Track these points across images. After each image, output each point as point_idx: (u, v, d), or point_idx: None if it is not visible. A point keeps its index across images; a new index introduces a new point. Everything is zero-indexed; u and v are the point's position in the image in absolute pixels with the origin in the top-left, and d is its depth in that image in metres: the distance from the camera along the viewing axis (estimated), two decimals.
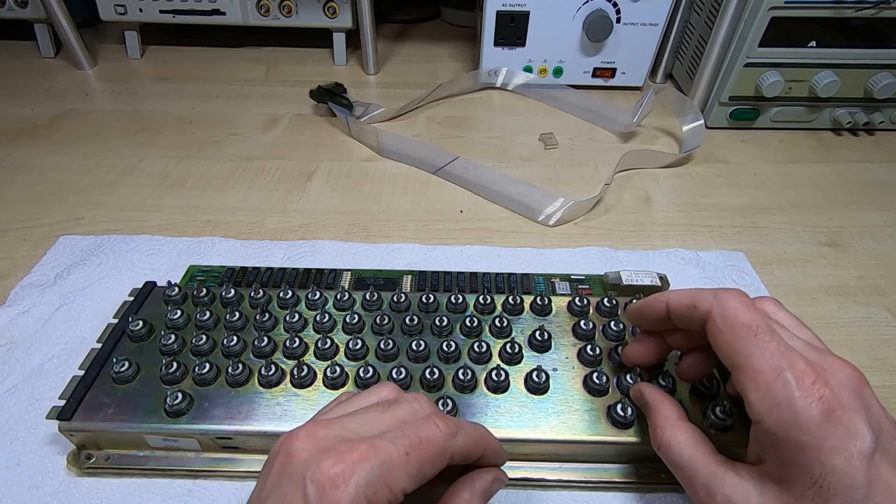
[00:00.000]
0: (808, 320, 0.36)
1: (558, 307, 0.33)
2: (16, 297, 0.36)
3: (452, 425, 0.21)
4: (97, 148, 0.53)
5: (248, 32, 0.68)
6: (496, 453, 0.24)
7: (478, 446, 0.23)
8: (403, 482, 0.19)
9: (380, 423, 0.21)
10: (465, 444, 0.22)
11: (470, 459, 0.23)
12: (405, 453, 0.19)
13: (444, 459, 0.21)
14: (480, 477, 0.23)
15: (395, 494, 0.19)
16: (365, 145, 0.54)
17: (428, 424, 0.21)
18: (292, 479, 0.19)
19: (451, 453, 0.21)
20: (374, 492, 0.18)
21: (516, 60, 0.62)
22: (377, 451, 0.19)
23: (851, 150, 0.55)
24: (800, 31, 0.50)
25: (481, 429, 0.24)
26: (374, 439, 0.19)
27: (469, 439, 0.22)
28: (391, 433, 0.20)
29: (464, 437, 0.22)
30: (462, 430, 0.22)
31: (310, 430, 0.20)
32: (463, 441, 0.22)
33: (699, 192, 0.49)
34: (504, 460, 0.25)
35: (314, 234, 0.43)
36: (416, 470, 0.20)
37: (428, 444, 0.20)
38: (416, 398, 0.23)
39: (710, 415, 0.27)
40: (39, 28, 0.67)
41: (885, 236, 0.44)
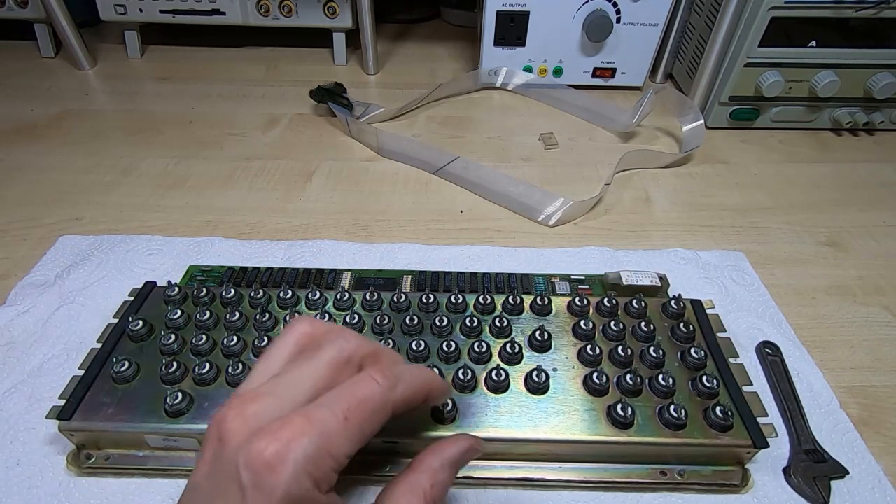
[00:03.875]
0: (808, 320, 0.37)
1: (558, 307, 0.33)
2: (16, 297, 0.36)
3: (391, 376, 0.20)
4: (97, 148, 0.53)
5: (248, 32, 0.68)
6: (441, 391, 0.23)
7: (420, 392, 0.22)
8: (346, 448, 0.18)
9: (310, 379, 0.20)
10: (406, 393, 0.21)
11: (414, 405, 0.22)
12: (344, 418, 0.18)
13: (386, 414, 0.20)
14: (453, 444, 0.22)
15: (338, 462, 0.18)
16: (365, 145, 0.54)
17: (365, 382, 0.20)
18: (225, 467, 0.18)
19: (393, 406, 0.20)
20: (314, 465, 0.18)
21: (516, 60, 0.62)
22: (313, 422, 0.18)
23: (851, 150, 0.55)
24: (800, 31, 0.50)
25: (421, 371, 0.23)
26: (308, 410, 0.18)
27: (410, 388, 0.21)
28: (326, 397, 0.19)
29: (404, 387, 0.21)
30: (401, 380, 0.21)
31: (238, 407, 0.19)
32: (403, 391, 0.21)
33: (699, 192, 0.49)
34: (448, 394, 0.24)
35: (314, 234, 0.43)
36: (357, 433, 0.19)
37: (366, 403, 0.19)
38: (340, 334, 0.21)
39: (710, 415, 0.27)
40: (39, 28, 0.67)
41: (885, 236, 0.44)
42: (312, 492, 0.18)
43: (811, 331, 0.36)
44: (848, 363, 0.34)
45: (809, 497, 0.27)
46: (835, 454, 0.29)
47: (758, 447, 0.27)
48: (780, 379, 0.32)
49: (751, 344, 0.35)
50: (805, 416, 0.31)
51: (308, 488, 0.18)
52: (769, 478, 0.28)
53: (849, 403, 0.32)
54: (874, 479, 0.28)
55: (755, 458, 0.28)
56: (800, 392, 0.32)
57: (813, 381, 0.32)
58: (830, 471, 0.28)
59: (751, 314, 0.37)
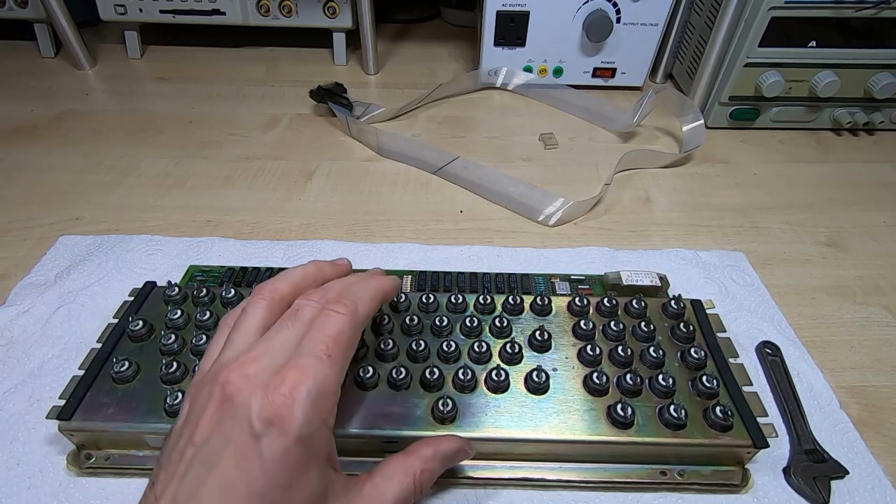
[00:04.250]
0: (808, 320, 0.37)
1: (558, 307, 0.33)
2: (16, 297, 0.36)
3: (349, 302, 0.23)
4: (97, 148, 0.53)
5: (248, 32, 0.68)
6: (394, 289, 0.27)
7: (377, 301, 0.25)
8: (337, 380, 0.21)
9: (294, 335, 0.22)
10: (367, 311, 0.24)
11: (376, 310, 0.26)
12: (327, 356, 0.21)
13: (358, 334, 0.24)
14: (447, 441, 0.25)
15: (335, 395, 0.21)
16: (365, 145, 0.54)
17: (331, 318, 0.22)
18: (236, 420, 0.20)
19: (360, 327, 0.24)
20: (318, 405, 0.20)
21: (516, 60, 0.62)
22: (306, 370, 0.20)
23: (851, 150, 0.55)
24: (800, 31, 0.50)
25: (374, 283, 0.26)
26: (298, 361, 0.21)
27: (368, 304, 0.24)
28: (307, 344, 0.21)
29: (364, 307, 0.24)
30: (359, 301, 0.24)
31: (239, 369, 0.21)
32: (365, 309, 0.24)
33: (699, 192, 0.49)
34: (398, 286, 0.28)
35: (314, 234, 0.43)
36: (341, 363, 0.22)
37: (340, 336, 0.22)
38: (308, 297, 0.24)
39: (710, 415, 0.27)
40: (39, 28, 0.67)
41: (885, 236, 0.44)
42: (322, 428, 0.21)
43: (811, 331, 0.36)
44: (848, 363, 0.34)
45: (809, 497, 0.27)
46: (835, 454, 0.29)
47: (758, 447, 0.27)
48: (780, 379, 0.32)
49: (751, 344, 0.35)
50: (805, 416, 0.31)
51: (318, 426, 0.20)
52: (769, 478, 0.28)
53: (849, 403, 0.32)
54: (874, 479, 0.28)
55: (755, 458, 0.28)
56: (800, 392, 0.32)
57: (813, 381, 0.32)
58: (830, 471, 0.28)
59: (751, 314, 0.37)
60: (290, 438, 0.19)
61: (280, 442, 0.19)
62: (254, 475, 0.19)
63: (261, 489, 0.19)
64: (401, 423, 0.27)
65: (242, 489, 0.19)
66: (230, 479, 0.19)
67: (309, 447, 0.20)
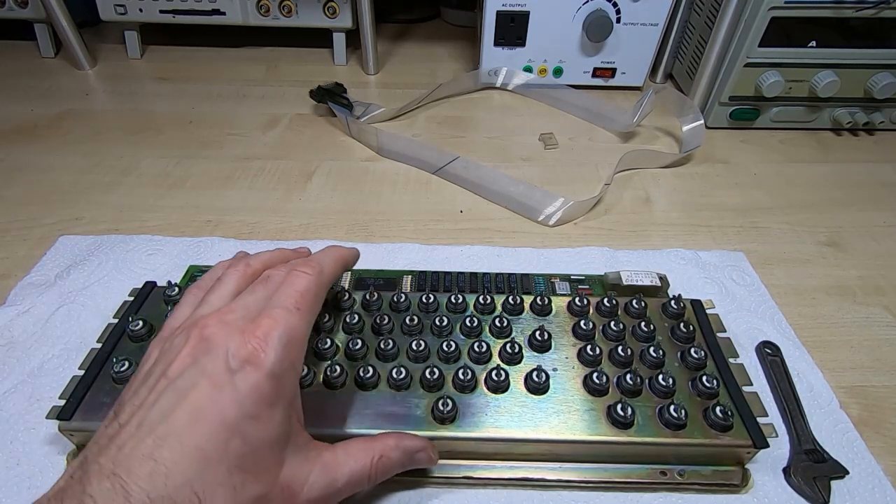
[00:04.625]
0: (808, 320, 0.37)
1: (558, 307, 0.33)
2: (16, 297, 0.36)
3: (315, 264, 0.26)
4: (97, 148, 0.53)
5: (248, 32, 0.68)
6: (354, 257, 0.31)
7: (341, 265, 0.29)
8: (304, 330, 0.24)
9: (265, 293, 0.24)
10: (331, 272, 0.27)
11: (339, 276, 0.29)
12: (296, 309, 0.23)
13: (323, 292, 0.26)
14: (413, 438, 0.26)
15: (303, 344, 0.23)
16: (365, 145, 0.54)
17: (298, 277, 0.25)
18: (212, 357, 0.21)
19: (326, 286, 0.26)
20: (288, 349, 0.22)
21: (516, 60, 0.62)
22: (278, 319, 0.22)
23: (851, 150, 0.55)
24: (800, 31, 0.50)
25: (335, 250, 0.29)
26: (270, 312, 0.23)
27: (332, 269, 0.27)
28: (277, 298, 0.24)
29: (329, 268, 0.27)
30: (324, 264, 0.27)
31: (217, 318, 0.23)
32: (329, 272, 0.27)
33: (699, 192, 0.49)
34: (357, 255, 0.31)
35: (314, 234, 0.43)
36: (309, 316, 0.24)
37: (307, 293, 0.24)
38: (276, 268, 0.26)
39: (710, 415, 0.27)
40: (39, 28, 0.67)
41: (885, 236, 0.44)
42: (290, 372, 0.22)
43: (811, 331, 0.36)
44: (848, 363, 0.34)
45: (809, 497, 0.27)
46: (835, 454, 0.29)
47: (758, 447, 0.27)
48: (780, 379, 0.32)
49: (751, 344, 0.35)
50: (805, 416, 0.31)
51: (287, 368, 0.22)
52: (769, 478, 0.28)
53: (849, 403, 0.32)
54: (874, 479, 0.28)
55: (755, 458, 0.28)
56: (800, 392, 0.32)
57: (813, 381, 0.32)
58: (830, 471, 0.28)
59: (751, 314, 0.37)
60: (262, 374, 0.21)
61: (253, 376, 0.21)
62: (226, 405, 0.20)
63: (231, 419, 0.20)
64: (401, 423, 0.27)
65: (214, 416, 0.20)
66: (203, 405, 0.20)
67: (278, 386, 0.21)
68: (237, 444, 0.20)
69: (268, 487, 0.21)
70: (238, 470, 0.20)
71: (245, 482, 0.20)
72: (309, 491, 0.22)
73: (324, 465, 0.23)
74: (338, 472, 0.23)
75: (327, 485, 0.23)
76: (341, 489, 0.23)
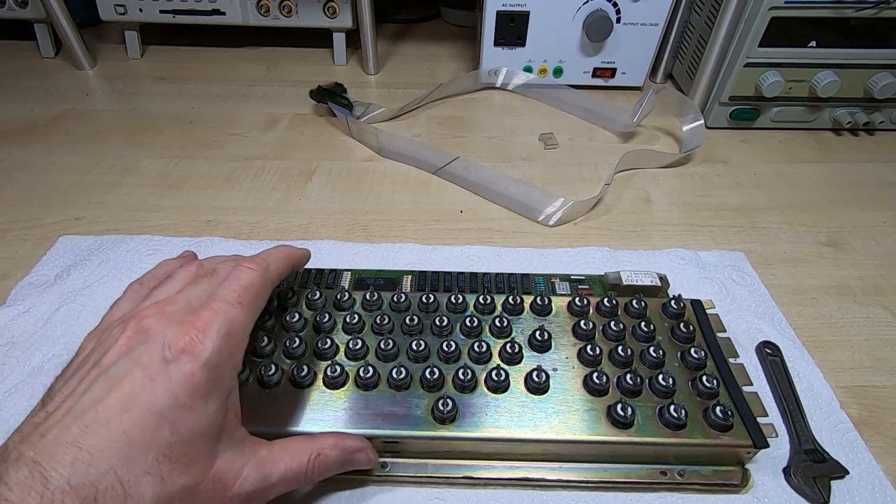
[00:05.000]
0: (808, 320, 0.37)
1: (558, 307, 0.33)
2: (16, 297, 0.36)
3: (262, 261, 0.26)
4: (97, 148, 0.53)
5: (248, 32, 0.68)
6: (304, 257, 0.31)
7: (288, 264, 0.29)
8: (245, 324, 0.24)
9: (209, 287, 0.25)
10: (278, 269, 0.27)
11: (286, 276, 0.29)
12: (238, 303, 0.24)
13: (268, 290, 0.26)
14: (353, 438, 0.26)
15: (244, 337, 0.24)
16: (365, 145, 0.54)
17: (243, 272, 0.25)
18: (148, 346, 0.21)
19: (271, 282, 0.27)
20: (227, 340, 0.22)
21: (516, 60, 0.62)
22: (217, 311, 0.23)
23: (851, 150, 0.55)
24: (800, 31, 0.50)
25: (283, 249, 0.29)
26: (211, 304, 0.23)
27: (279, 266, 0.28)
28: (220, 292, 0.24)
29: (275, 266, 0.27)
30: (271, 261, 0.27)
31: (157, 309, 0.23)
32: (275, 269, 0.27)
33: (699, 192, 0.49)
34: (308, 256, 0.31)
35: (314, 234, 0.43)
36: (252, 310, 0.24)
37: (251, 287, 0.25)
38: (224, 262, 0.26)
39: (710, 415, 0.27)
40: (39, 28, 0.67)
41: (885, 236, 0.44)
42: (228, 364, 0.22)
43: (811, 331, 0.36)
44: (848, 363, 0.34)
45: (809, 497, 0.27)
46: (835, 454, 0.29)
47: (758, 447, 0.27)
48: (780, 379, 0.32)
49: (751, 344, 0.35)
50: (805, 416, 0.31)
51: (224, 360, 0.22)
52: (769, 478, 0.28)
53: (849, 403, 0.32)
54: (874, 479, 0.28)
55: (755, 458, 0.28)
56: (800, 392, 0.32)
57: (813, 381, 0.32)
58: (830, 471, 0.28)
59: (751, 314, 0.37)
60: (197, 364, 0.21)
61: (188, 366, 0.21)
62: (158, 394, 0.20)
63: (162, 407, 0.20)
64: (401, 423, 0.27)
65: (144, 405, 0.20)
66: (134, 394, 0.20)
67: (214, 377, 0.22)
68: (166, 433, 0.20)
69: (197, 479, 0.21)
70: (166, 459, 0.20)
71: (173, 472, 0.20)
72: (241, 485, 0.22)
73: (259, 461, 0.23)
74: (273, 468, 0.23)
75: (261, 479, 0.23)
76: (276, 484, 0.23)
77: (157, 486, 0.19)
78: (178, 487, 0.20)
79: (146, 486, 0.19)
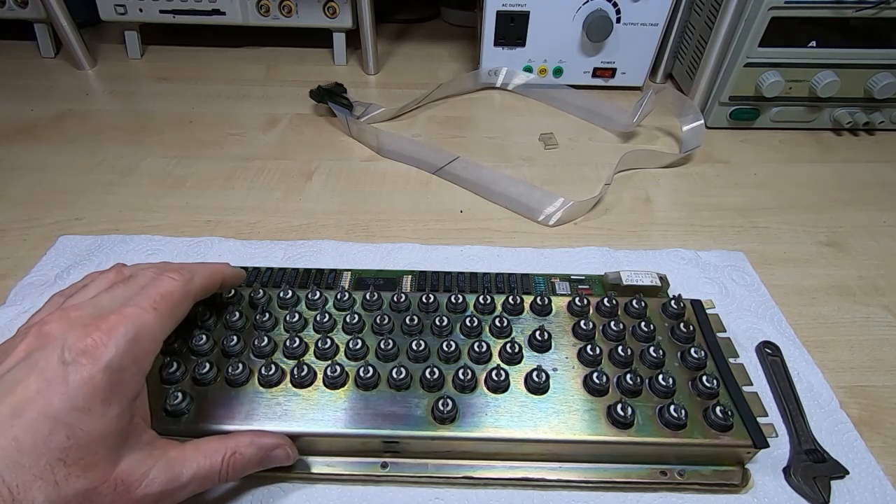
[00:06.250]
0: (808, 320, 0.37)
1: (558, 307, 0.33)
2: (16, 297, 0.36)
3: (186, 272, 0.26)
4: (97, 148, 0.53)
5: (248, 32, 0.68)
6: (235, 277, 0.31)
7: (214, 279, 0.28)
8: (158, 331, 0.23)
9: (125, 294, 0.24)
10: (203, 282, 0.27)
11: (212, 291, 0.29)
12: (153, 309, 0.23)
13: (189, 301, 0.26)
14: (269, 435, 0.26)
15: (154, 342, 0.23)
16: (365, 145, 0.54)
17: (163, 280, 0.25)
18: (46, 351, 0.21)
19: (193, 294, 0.26)
20: (133, 345, 0.22)
21: (516, 60, 0.62)
22: (127, 316, 0.22)
23: (851, 150, 0.55)
24: (800, 31, 0.50)
25: (214, 264, 0.29)
26: (122, 308, 0.23)
27: (203, 278, 0.27)
28: (135, 298, 0.23)
29: (200, 278, 0.27)
30: (196, 273, 0.27)
31: (61, 314, 0.22)
32: (200, 281, 0.27)
33: (699, 192, 0.49)
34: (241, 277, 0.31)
35: (314, 234, 0.43)
36: (167, 318, 0.24)
37: (170, 296, 0.24)
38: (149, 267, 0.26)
39: (710, 415, 0.27)
40: (39, 28, 0.67)
41: (885, 236, 0.44)
42: (133, 368, 0.22)
43: (811, 331, 0.36)
44: (848, 363, 0.34)
45: (809, 497, 0.27)
46: (835, 454, 0.29)
47: (758, 447, 0.27)
48: (780, 379, 0.32)
49: (751, 344, 0.35)
50: (805, 416, 0.31)
51: (129, 364, 0.22)
52: (769, 478, 0.28)
53: (849, 403, 0.32)
54: (874, 479, 0.28)
55: (755, 458, 0.28)
56: (800, 392, 0.32)
57: (813, 381, 0.32)
58: (830, 471, 0.28)
59: (751, 314, 0.37)
60: (98, 367, 0.21)
61: (87, 369, 0.20)
62: (52, 398, 0.20)
63: (57, 411, 0.20)
64: (401, 423, 0.27)
65: (36, 410, 0.20)
66: (25, 400, 0.20)
67: (116, 380, 0.21)
68: (61, 438, 0.20)
69: (96, 482, 0.21)
70: (61, 463, 0.20)
71: (69, 476, 0.20)
72: (147, 486, 0.22)
73: (168, 461, 0.23)
74: (183, 468, 0.23)
75: (169, 480, 0.23)
76: (186, 484, 0.23)
77: (51, 490, 0.19)
78: (76, 491, 0.20)
79: (37, 491, 0.19)
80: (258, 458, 0.25)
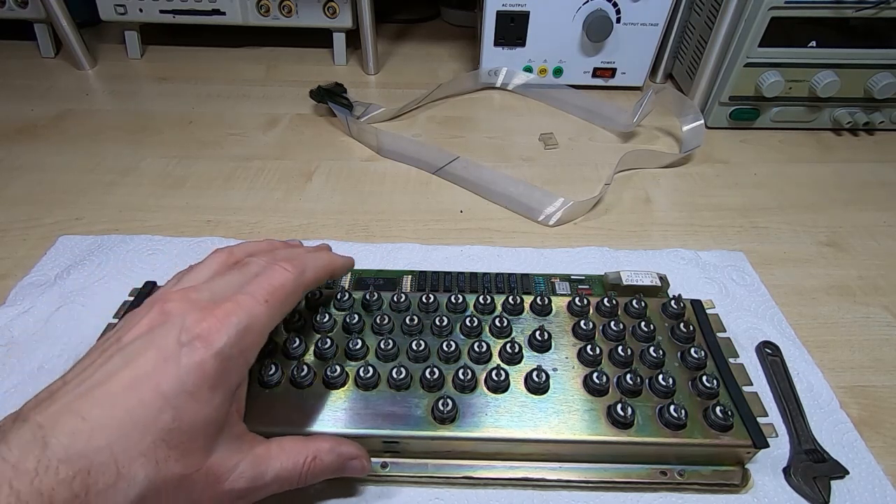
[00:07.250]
0: (808, 320, 0.37)
1: (558, 307, 0.33)
2: (16, 297, 0.36)
3: (299, 264, 0.26)
4: (97, 148, 0.53)
5: (248, 32, 0.68)
6: (343, 267, 0.30)
7: (326, 272, 0.28)
8: (267, 324, 0.23)
9: (239, 281, 0.24)
10: (315, 275, 0.27)
11: (322, 282, 0.28)
12: (264, 301, 0.23)
13: (299, 294, 0.26)
14: (349, 444, 0.26)
15: (261, 335, 0.23)
16: (365, 145, 0.54)
17: (276, 271, 0.25)
18: (166, 328, 0.21)
19: (304, 287, 0.26)
20: (242, 337, 0.22)
21: (516, 60, 0.62)
22: (241, 305, 0.22)
23: (851, 150, 0.55)
24: (800, 31, 0.50)
25: (325, 255, 0.29)
26: (236, 296, 0.23)
27: (315, 271, 0.27)
28: (248, 287, 0.24)
29: (313, 271, 0.26)
30: (308, 265, 0.26)
31: (182, 294, 0.23)
32: (312, 274, 0.26)
33: (699, 192, 0.49)
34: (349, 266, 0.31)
35: (314, 234, 0.43)
36: (276, 311, 0.24)
37: (282, 288, 0.24)
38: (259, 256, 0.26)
39: (710, 415, 0.27)
40: (39, 28, 0.67)
41: (885, 236, 0.44)
42: (240, 359, 0.22)
43: (811, 331, 0.36)
44: (848, 363, 0.34)
45: (809, 497, 0.27)
46: (835, 454, 0.29)
47: (758, 447, 0.27)
48: (780, 379, 0.32)
49: (751, 344, 0.35)
50: (805, 416, 0.31)
51: (235, 354, 0.22)
52: (769, 478, 0.28)
53: (849, 403, 0.32)
54: (874, 479, 0.28)
55: (755, 458, 0.28)
56: (800, 392, 0.32)
57: (813, 381, 0.32)
58: (830, 471, 0.28)
59: (751, 314, 0.37)
60: (210, 352, 0.21)
61: (200, 353, 0.21)
62: (166, 377, 0.20)
63: (168, 391, 0.20)
64: (401, 423, 0.27)
65: (151, 386, 0.20)
66: (145, 372, 0.20)
67: (224, 368, 0.21)
68: (167, 418, 0.20)
69: (190, 469, 0.21)
70: (164, 444, 0.20)
71: (169, 458, 0.20)
72: (235, 480, 0.22)
73: (254, 458, 0.23)
74: (267, 467, 0.23)
75: (254, 477, 0.23)
76: (268, 483, 0.23)
77: (150, 469, 0.19)
78: (172, 475, 0.20)
79: (140, 468, 0.19)
80: (336, 466, 0.25)
